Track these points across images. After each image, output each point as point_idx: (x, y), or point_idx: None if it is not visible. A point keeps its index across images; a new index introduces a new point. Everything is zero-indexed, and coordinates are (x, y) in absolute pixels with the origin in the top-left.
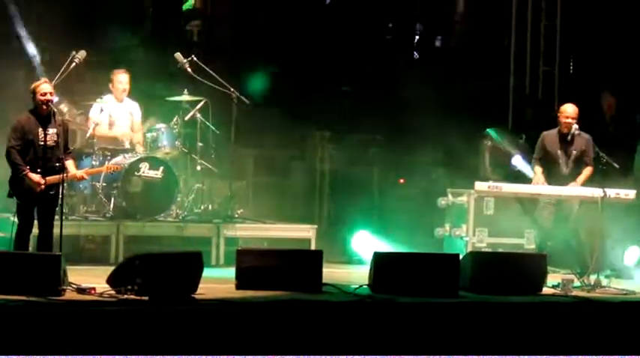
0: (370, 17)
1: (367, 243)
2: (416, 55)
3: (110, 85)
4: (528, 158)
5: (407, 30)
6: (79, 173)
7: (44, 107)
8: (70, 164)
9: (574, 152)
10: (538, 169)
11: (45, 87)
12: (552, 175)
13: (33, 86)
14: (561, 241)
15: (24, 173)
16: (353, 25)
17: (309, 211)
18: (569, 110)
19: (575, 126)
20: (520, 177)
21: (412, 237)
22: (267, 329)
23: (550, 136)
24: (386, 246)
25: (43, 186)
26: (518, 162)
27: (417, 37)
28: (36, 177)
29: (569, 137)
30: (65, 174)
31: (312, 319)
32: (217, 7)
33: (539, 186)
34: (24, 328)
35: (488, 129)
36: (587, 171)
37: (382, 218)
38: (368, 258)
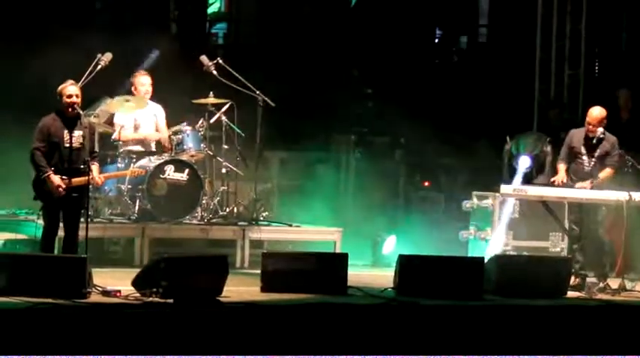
0: (394, 20)
1: (397, 247)
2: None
3: (132, 88)
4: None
5: (428, 33)
6: (97, 178)
7: (70, 109)
8: (94, 169)
9: (598, 151)
10: (562, 167)
11: (71, 89)
12: (574, 172)
13: (59, 88)
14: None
15: (46, 175)
16: (377, 27)
17: (334, 214)
18: (592, 114)
19: (600, 129)
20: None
21: (437, 240)
22: (292, 332)
23: (578, 134)
24: (411, 249)
25: (62, 191)
26: (521, 164)
27: (440, 41)
28: (57, 180)
29: (594, 140)
30: (91, 177)
31: (338, 322)
32: (243, 10)
33: (565, 189)
34: (50, 330)
35: (515, 136)
36: (606, 171)
37: (407, 220)
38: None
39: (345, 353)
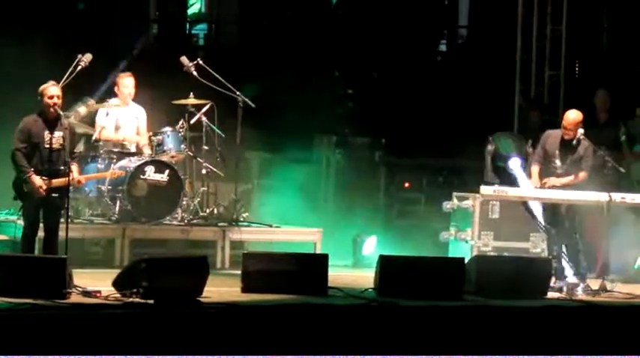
0: (374, 21)
1: (377, 248)
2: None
3: (115, 89)
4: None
5: (409, 34)
6: (77, 178)
7: (51, 110)
8: (74, 170)
9: (571, 156)
10: (535, 169)
11: (52, 90)
12: (547, 175)
13: (41, 88)
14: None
15: (27, 175)
16: (357, 29)
17: (314, 214)
18: (568, 118)
19: (581, 131)
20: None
21: (417, 241)
22: (272, 333)
23: (553, 136)
24: (391, 250)
25: (44, 191)
26: (514, 165)
27: (421, 42)
28: (38, 181)
29: (574, 142)
30: (71, 178)
31: (318, 322)
32: (223, 11)
33: (545, 190)
34: (30, 331)
35: (494, 136)
36: (579, 175)
37: (388, 221)
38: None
39: (325, 354)
